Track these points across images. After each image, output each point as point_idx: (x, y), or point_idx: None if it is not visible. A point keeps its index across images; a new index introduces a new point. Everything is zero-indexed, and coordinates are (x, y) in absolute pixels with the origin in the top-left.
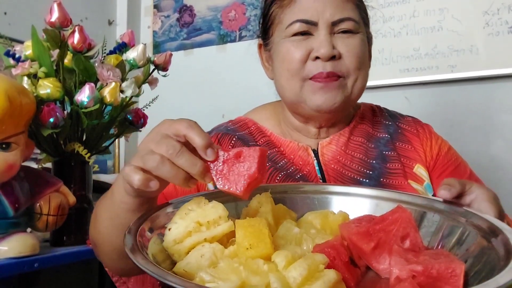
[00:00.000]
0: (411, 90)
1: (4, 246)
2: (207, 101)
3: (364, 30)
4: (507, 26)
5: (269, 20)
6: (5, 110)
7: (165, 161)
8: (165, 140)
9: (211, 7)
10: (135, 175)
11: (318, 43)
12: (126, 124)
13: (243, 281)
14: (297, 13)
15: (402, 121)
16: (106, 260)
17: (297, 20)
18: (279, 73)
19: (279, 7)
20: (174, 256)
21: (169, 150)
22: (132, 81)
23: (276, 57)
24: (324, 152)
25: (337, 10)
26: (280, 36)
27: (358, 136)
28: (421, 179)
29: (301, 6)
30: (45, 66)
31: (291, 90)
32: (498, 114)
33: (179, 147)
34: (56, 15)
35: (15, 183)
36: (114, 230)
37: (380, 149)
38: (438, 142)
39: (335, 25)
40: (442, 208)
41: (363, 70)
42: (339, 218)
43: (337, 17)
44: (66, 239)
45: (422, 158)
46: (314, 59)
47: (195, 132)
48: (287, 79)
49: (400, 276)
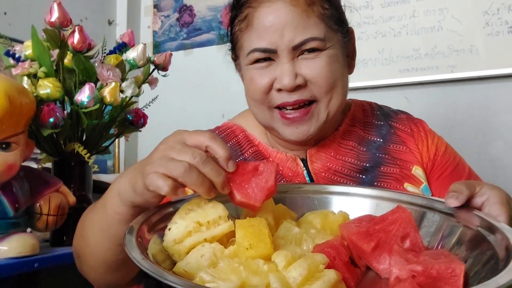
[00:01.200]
0: (411, 90)
1: (4, 246)
2: (207, 101)
3: (335, 40)
4: (507, 26)
5: (233, 41)
6: (5, 110)
7: (193, 168)
8: (189, 149)
9: (211, 7)
10: (164, 181)
11: (280, 72)
12: (126, 124)
13: (243, 281)
14: (255, 41)
15: (395, 119)
16: (91, 273)
17: (255, 49)
18: (248, 100)
19: (238, 30)
20: (174, 256)
21: (196, 158)
22: (132, 81)
23: (244, 81)
24: (313, 160)
25: (297, 31)
26: (243, 61)
27: (348, 139)
28: (419, 180)
29: (258, 32)
30: (45, 66)
31: (261, 118)
32: (498, 114)
33: (205, 156)
34: (56, 15)
35: (15, 183)
36: (105, 242)
37: (372, 152)
38: (435, 142)
39: (297, 48)
40: (442, 208)
41: (337, 88)
42: (339, 218)
43: (297, 40)
44: (66, 239)
45: (418, 160)
46: (278, 91)
47: (218, 144)
48: (255, 106)
49: (400, 276)
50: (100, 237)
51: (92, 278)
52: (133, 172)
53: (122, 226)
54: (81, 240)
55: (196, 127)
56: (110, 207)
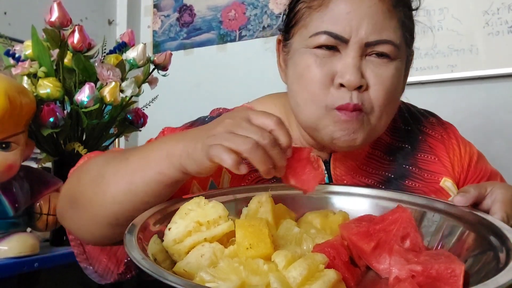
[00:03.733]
0: (411, 89)
1: (4, 246)
2: (207, 101)
3: (404, 53)
4: (507, 26)
5: (294, 18)
6: (5, 110)
7: (260, 147)
8: (258, 129)
9: (211, 6)
10: (229, 154)
11: (344, 66)
12: (126, 124)
13: (243, 281)
14: (326, 22)
15: (426, 124)
16: (88, 223)
17: (325, 32)
18: (296, 90)
19: (307, 7)
20: (174, 256)
21: (265, 140)
22: (132, 81)
23: (293, 66)
24: (336, 165)
25: (375, 28)
26: (301, 42)
27: (376, 149)
28: (447, 194)
29: (333, 14)
30: (45, 66)
31: (309, 116)
32: (498, 114)
33: (273, 138)
34: (56, 14)
35: (15, 183)
36: (130, 196)
37: (399, 162)
38: (468, 150)
39: (369, 46)
40: (442, 208)
41: (391, 104)
42: (339, 218)
43: (373, 38)
44: (66, 238)
45: (449, 171)
46: (339, 87)
47: (284, 131)
48: (306, 102)
49: (399, 276)
50: (125, 189)
51: (86, 229)
52: (188, 138)
53: (161, 186)
54: (90, 187)
55: None
56: (154, 166)
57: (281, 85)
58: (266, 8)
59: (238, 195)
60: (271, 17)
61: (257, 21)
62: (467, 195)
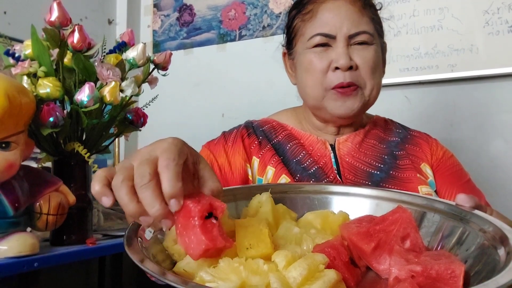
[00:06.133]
0: (411, 89)
1: (4, 245)
2: (207, 101)
3: (378, 41)
4: (507, 26)
5: (293, 32)
6: (4, 109)
7: (124, 186)
8: (141, 166)
9: (211, 6)
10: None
11: (337, 55)
12: (126, 124)
13: (243, 281)
14: (317, 27)
15: (412, 131)
16: None
17: (318, 34)
18: (303, 81)
19: (301, 21)
20: (174, 256)
21: (137, 178)
22: (132, 81)
23: (299, 66)
24: (340, 147)
25: (353, 24)
26: (302, 46)
27: (371, 138)
28: (426, 175)
29: (321, 21)
30: (45, 66)
31: (314, 98)
32: (498, 114)
33: (148, 179)
34: (56, 14)
35: (15, 183)
36: None
37: (390, 149)
38: (443, 149)
39: (352, 38)
40: (442, 208)
41: (377, 78)
42: (339, 218)
43: (353, 31)
44: (66, 238)
45: (428, 159)
46: (334, 70)
47: (168, 176)
48: (311, 87)
49: (399, 276)
50: None
51: None
52: None
53: None
54: None
55: (196, 126)
56: None
57: (280, 85)
58: (266, 7)
59: (238, 195)
60: (271, 16)
61: (257, 21)
62: (471, 197)
